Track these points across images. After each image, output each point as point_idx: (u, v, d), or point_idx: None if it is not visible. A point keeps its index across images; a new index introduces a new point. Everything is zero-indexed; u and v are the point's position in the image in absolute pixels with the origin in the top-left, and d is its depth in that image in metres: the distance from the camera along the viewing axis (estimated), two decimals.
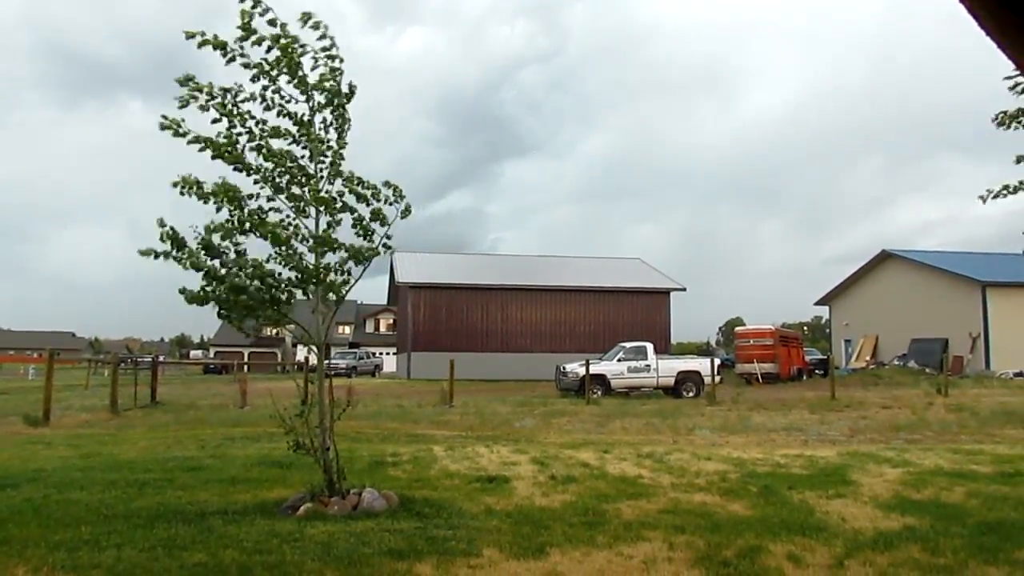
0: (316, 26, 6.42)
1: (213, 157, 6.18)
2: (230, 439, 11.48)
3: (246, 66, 6.30)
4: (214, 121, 6.26)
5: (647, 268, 49.18)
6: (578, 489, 7.29)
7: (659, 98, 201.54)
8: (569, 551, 5.06)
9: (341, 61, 6.55)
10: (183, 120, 6.08)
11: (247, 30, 6.20)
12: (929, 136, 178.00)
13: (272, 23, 6.27)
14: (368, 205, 6.72)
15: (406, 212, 6.81)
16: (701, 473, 8.23)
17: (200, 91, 6.14)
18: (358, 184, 6.67)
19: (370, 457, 9.12)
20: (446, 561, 4.76)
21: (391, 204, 6.75)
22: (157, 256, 6.00)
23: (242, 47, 6.25)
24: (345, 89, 6.64)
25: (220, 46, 6.17)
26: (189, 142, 6.08)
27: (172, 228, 6.02)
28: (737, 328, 44.44)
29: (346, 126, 6.75)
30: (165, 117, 6.02)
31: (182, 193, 6.09)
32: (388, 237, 6.80)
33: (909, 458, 9.36)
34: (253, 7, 6.18)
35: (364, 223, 6.73)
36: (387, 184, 6.76)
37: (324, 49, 6.50)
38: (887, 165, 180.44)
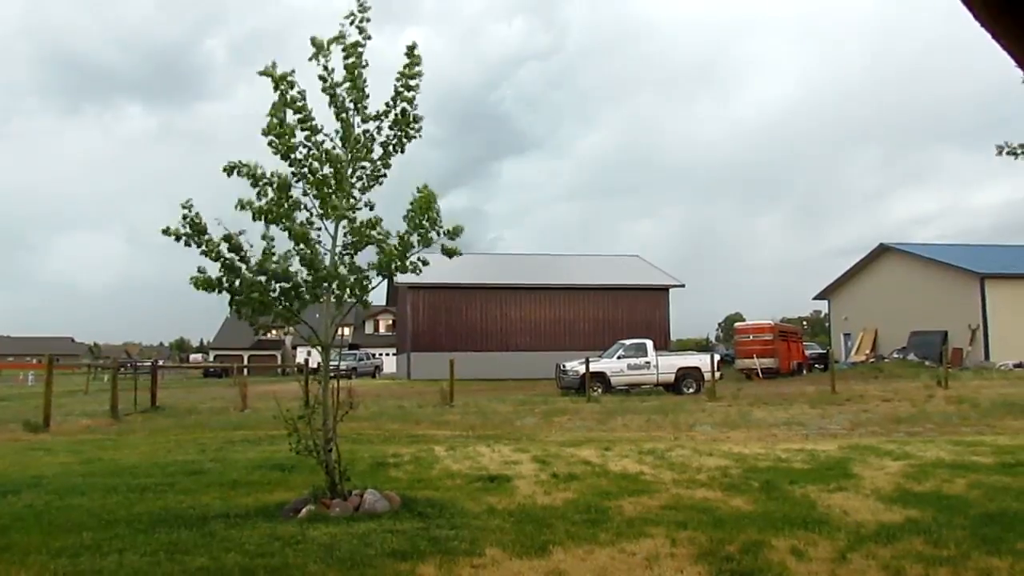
0: (411, 54, 6.66)
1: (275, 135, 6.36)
2: (231, 443, 11.48)
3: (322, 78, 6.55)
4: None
5: (646, 265, 49.21)
6: (580, 487, 7.29)
7: (657, 93, 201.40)
8: (572, 549, 5.06)
9: (411, 90, 6.69)
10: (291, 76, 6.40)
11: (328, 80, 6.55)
12: (927, 128, 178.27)
13: (362, 31, 6.53)
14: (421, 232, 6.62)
15: (450, 252, 6.74)
16: (702, 469, 8.23)
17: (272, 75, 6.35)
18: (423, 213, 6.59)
19: (371, 458, 9.12)
20: (449, 561, 4.75)
21: (440, 236, 6.63)
22: (179, 238, 6.13)
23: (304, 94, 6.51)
24: (404, 111, 6.72)
25: (319, 47, 6.46)
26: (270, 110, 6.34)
27: (197, 214, 6.16)
28: (736, 324, 44.53)
29: (397, 148, 6.80)
30: (275, 64, 6.35)
31: (231, 174, 6.26)
32: (424, 262, 6.75)
33: (910, 451, 9.37)
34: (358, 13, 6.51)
35: (407, 239, 6.63)
36: (453, 228, 6.69)
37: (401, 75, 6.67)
38: (885, 157, 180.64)
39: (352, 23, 6.52)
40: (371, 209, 6.76)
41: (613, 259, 51.00)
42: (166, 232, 6.14)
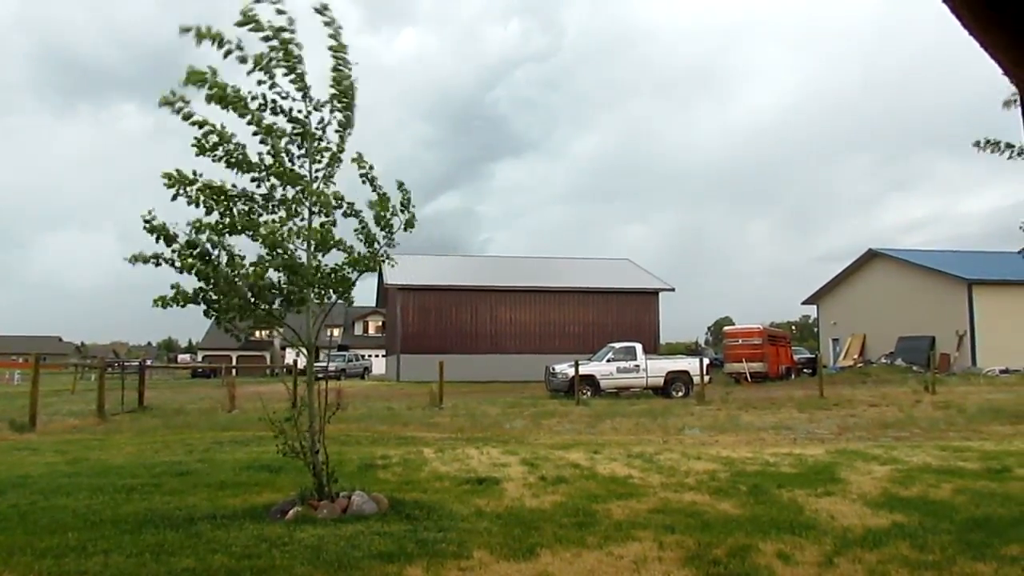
0: (329, 22, 6.16)
1: (210, 150, 6.05)
2: (218, 443, 11.42)
3: (243, 60, 5.99)
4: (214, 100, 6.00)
5: (636, 268, 49.31)
6: (568, 490, 7.29)
7: (652, 98, 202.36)
8: (559, 552, 5.06)
9: (347, 62, 6.32)
10: (188, 100, 5.92)
11: (248, 18, 5.92)
12: (917, 136, 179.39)
13: (280, 12, 5.99)
14: (380, 212, 6.54)
15: (409, 224, 6.62)
16: (691, 472, 8.25)
17: (203, 82, 5.98)
18: (370, 182, 6.53)
19: (360, 460, 9.09)
20: (436, 563, 4.74)
21: (395, 215, 6.57)
22: (147, 261, 5.87)
23: (239, 41, 5.95)
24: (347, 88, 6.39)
25: (216, 38, 5.85)
26: (192, 123, 5.93)
27: (163, 223, 5.86)
28: (726, 328, 44.67)
29: (348, 128, 6.52)
30: (173, 92, 5.83)
31: (173, 191, 5.92)
32: (390, 245, 6.64)
33: (897, 455, 9.41)
34: None
35: (367, 229, 6.60)
36: (400, 186, 6.60)
37: (332, 48, 6.25)
38: (875, 164, 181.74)
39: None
40: (338, 202, 6.57)
41: (603, 262, 51.09)
42: (134, 260, 5.85)
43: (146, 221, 5.86)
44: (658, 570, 4.67)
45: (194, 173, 6.01)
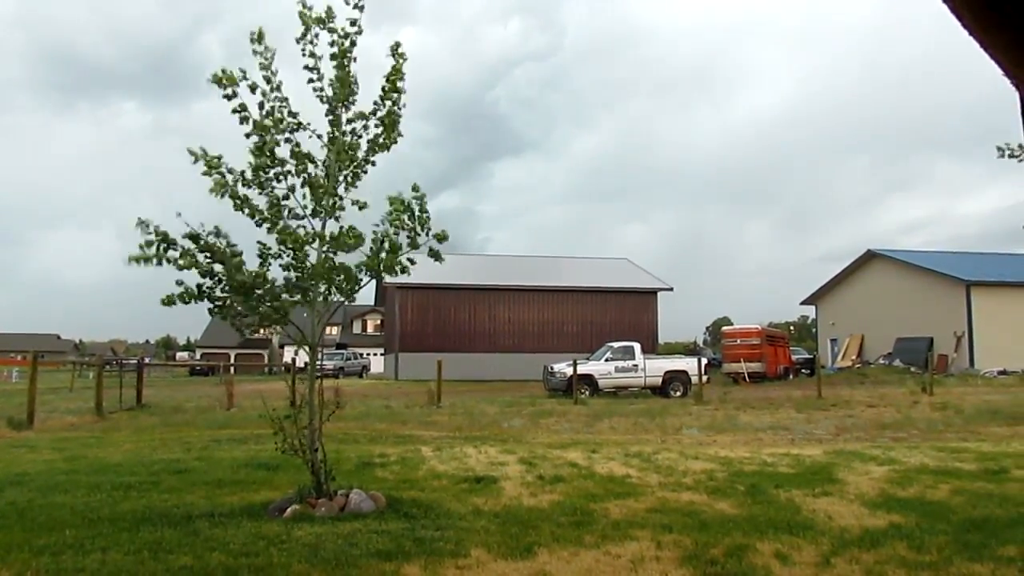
0: (396, 53, 6.59)
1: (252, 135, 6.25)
2: (216, 441, 11.42)
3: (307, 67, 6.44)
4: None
5: (634, 268, 49.33)
6: (566, 489, 7.29)
7: (652, 98, 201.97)
8: (557, 551, 5.06)
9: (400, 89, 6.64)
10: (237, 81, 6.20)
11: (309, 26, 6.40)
12: (917, 137, 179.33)
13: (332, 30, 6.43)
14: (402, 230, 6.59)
15: (435, 256, 6.66)
16: (688, 472, 8.26)
17: (237, 82, 6.21)
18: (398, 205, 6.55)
19: (358, 458, 9.09)
20: (434, 562, 4.75)
21: (429, 237, 6.59)
22: (148, 261, 5.88)
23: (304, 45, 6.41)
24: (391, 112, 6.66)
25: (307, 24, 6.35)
26: (233, 111, 6.22)
27: (164, 232, 5.92)
28: (724, 328, 44.70)
29: (383, 147, 6.73)
30: (224, 71, 6.12)
31: (219, 195, 6.13)
32: (411, 262, 6.68)
33: (895, 456, 9.42)
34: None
35: (392, 241, 6.59)
36: (440, 233, 6.62)
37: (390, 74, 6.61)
38: (874, 165, 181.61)
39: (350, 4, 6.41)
40: (360, 209, 6.72)
41: (602, 262, 51.11)
42: (135, 259, 5.86)
43: (144, 230, 5.89)
44: (655, 569, 4.67)
45: (219, 158, 6.19)
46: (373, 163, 6.75)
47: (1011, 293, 35.50)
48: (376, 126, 6.66)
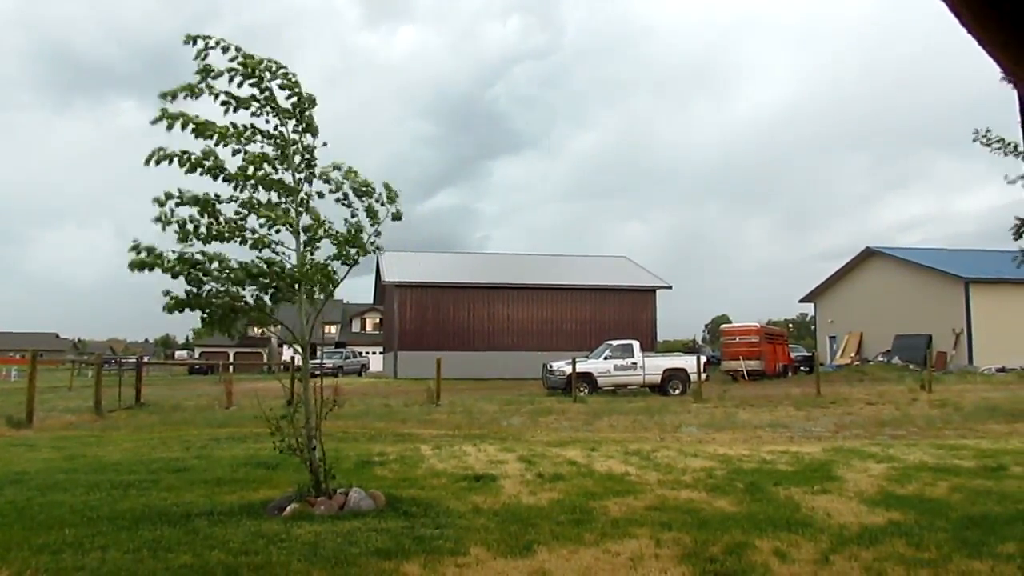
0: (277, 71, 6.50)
1: (195, 165, 6.14)
2: (216, 440, 11.42)
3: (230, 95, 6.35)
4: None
5: (633, 266, 49.33)
6: (565, 487, 7.30)
7: (651, 95, 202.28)
8: (556, 549, 5.06)
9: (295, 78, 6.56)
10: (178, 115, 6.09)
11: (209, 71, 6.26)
12: (915, 135, 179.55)
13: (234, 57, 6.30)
14: (361, 199, 6.62)
15: (397, 216, 6.72)
16: (688, 470, 8.26)
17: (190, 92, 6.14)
18: (351, 176, 6.59)
19: (357, 457, 9.09)
20: (433, 560, 4.75)
21: (383, 204, 6.66)
22: (143, 268, 5.86)
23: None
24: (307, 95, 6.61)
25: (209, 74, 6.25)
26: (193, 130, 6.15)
27: (157, 252, 5.91)
28: (723, 325, 44.72)
29: (314, 132, 6.69)
30: (164, 111, 6.03)
31: (163, 222, 6.00)
32: (378, 234, 6.70)
33: (894, 454, 9.43)
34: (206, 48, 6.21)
35: (354, 221, 6.63)
36: (386, 187, 6.69)
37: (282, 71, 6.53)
38: (873, 163, 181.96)
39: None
40: (320, 196, 6.70)
41: (601, 260, 51.12)
42: (135, 266, 5.85)
43: (136, 250, 5.88)
44: (655, 567, 4.67)
45: (179, 191, 6.08)
46: (314, 148, 6.74)
47: (1010, 290, 35.49)
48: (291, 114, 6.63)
